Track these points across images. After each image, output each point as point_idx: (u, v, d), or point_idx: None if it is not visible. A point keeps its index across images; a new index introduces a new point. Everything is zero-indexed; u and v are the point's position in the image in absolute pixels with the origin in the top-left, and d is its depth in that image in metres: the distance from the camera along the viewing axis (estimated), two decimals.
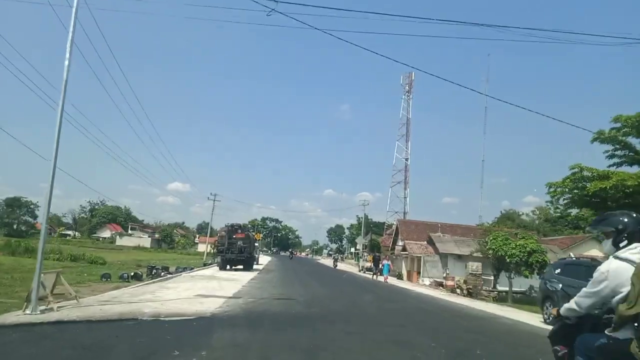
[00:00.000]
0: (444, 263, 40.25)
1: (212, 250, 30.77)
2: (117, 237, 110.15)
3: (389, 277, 33.76)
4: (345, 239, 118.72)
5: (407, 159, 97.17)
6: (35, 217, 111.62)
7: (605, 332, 3.17)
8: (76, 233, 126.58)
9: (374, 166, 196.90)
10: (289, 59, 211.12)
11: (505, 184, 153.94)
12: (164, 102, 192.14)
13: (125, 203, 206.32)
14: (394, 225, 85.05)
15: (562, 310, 3.57)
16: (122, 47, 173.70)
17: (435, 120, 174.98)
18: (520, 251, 30.95)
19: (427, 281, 39.74)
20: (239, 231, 30.42)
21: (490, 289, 36.25)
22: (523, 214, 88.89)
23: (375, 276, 32.76)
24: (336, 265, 55.57)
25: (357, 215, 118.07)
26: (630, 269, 3.09)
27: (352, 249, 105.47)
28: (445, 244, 41.05)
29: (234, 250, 29.37)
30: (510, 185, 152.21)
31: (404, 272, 46.52)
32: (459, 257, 39.94)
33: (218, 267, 30.68)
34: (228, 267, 30.24)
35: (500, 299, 33.36)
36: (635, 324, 2.91)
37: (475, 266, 35.89)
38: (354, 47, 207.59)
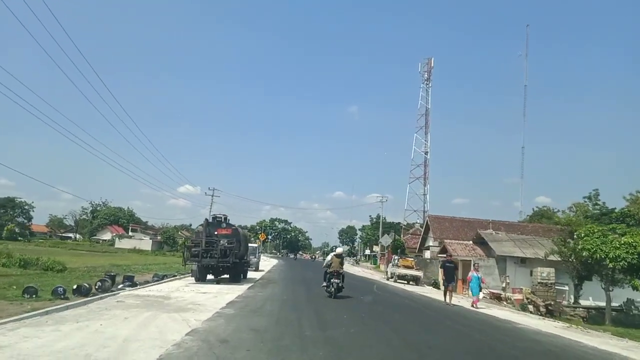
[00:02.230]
0: (502, 269, 29.82)
1: (185, 253, 20.17)
2: (117, 239, 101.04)
3: (478, 298, 20.55)
4: (359, 239, 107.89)
5: (426, 153, 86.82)
6: (30, 218, 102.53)
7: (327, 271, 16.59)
8: (77, 235, 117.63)
9: (383, 168, 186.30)
10: (295, 60, 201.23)
11: (517, 184, 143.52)
12: (174, 108, 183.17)
13: (138, 206, 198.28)
14: (416, 224, 74.57)
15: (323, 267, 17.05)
16: (119, 51, 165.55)
17: (447, 115, 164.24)
18: (628, 252, 20.80)
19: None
20: (223, 226, 20.26)
21: (570, 303, 26.30)
22: (559, 210, 78.11)
23: (448, 297, 19.33)
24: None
25: (370, 215, 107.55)
26: (331, 255, 17.03)
27: (367, 251, 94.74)
28: (502, 244, 30.56)
29: (215, 252, 19.20)
30: (523, 186, 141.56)
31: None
32: (522, 261, 29.51)
33: (194, 278, 20.58)
34: (212, 276, 20.26)
35: (592, 318, 23.23)
36: (328, 268, 16.46)
37: (546, 273, 26.11)
38: (361, 47, 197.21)
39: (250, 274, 26.80)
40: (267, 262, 52.37)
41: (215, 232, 19.96)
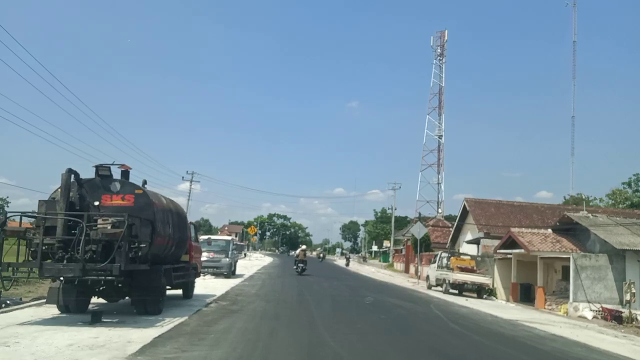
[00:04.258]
0: (619, 271, 18.34)
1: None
2: None
3: None
4: (367, 234, 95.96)
5: (440, 137, 75.07)
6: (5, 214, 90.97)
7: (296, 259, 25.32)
8: None
9: (386, 163, 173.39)
10: (293, 58, 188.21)
11: (519, 178, 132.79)
12: (173, 107, 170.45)
13: None
14: (437, 214, 62.82)
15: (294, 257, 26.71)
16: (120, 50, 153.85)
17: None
18: None
19: (585, 310, 17.96)
20: (115, 189, 8.68)
21: None
22: (596, 199, 66.61)
23: None
24: (348, 264, 45.85)
25: (374, 210, 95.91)
26: (298, 250, 26.05)
27: (374, 247, 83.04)
28: (614, 233, 19.01)
29: (79, 249, 7.67)
30: (524, 180, 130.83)
31: (500, 287, 24.37)
32: None
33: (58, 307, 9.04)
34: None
35: None
36: (297, 257, 25.58)
37: None
38: (359, 42, 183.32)
39: (212, 285, 15.36)
40: (257, 262, 40.84)
41: (97, 203, 8.45)
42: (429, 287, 21.84)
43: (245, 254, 58.24)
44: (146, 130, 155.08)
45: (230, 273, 19.77)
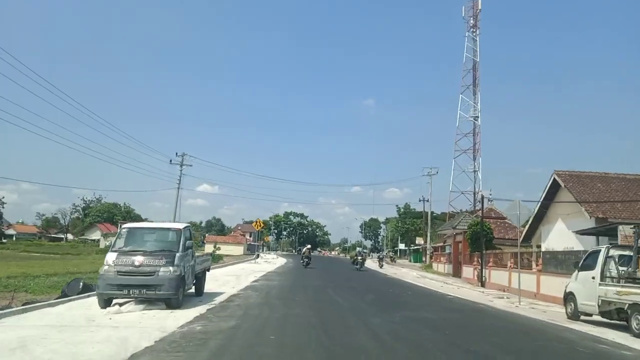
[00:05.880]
0: None
1: None
2: (102, 238, 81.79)
3: None
4: (388, 232, 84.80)
5: (476, 118, 64.00)
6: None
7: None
8: (68, 236, 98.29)
9: (402, 161, 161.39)
10: (307, 57, 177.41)
11: (540, 174, 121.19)
12: (186, 107, 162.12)
13: (156, 207, 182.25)
14: (490, 202, 51.85)
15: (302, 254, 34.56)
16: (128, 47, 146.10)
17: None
18: None
19: None
20: None
21: None
22: None
23: None
24: (382, 265, 38.70)
25: (396, 205, 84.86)
26: (305, 248, 34.79)
27: (401, 245, 72.02)
28: None
29: None
30: (545, 176, 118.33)
31: None
32: None
33: None
34: None
35: None
36: (303, 254, 32.92)
37: None
38: (370, 39, 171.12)
39: (81, 348, 5.05)
40: (264, 266, 30.69)
41: None
42: (574, 317, 10.70)
43: (258, 255, 48.53)
44: (151, 125, 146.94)
45: (180, 298, 9.30)
